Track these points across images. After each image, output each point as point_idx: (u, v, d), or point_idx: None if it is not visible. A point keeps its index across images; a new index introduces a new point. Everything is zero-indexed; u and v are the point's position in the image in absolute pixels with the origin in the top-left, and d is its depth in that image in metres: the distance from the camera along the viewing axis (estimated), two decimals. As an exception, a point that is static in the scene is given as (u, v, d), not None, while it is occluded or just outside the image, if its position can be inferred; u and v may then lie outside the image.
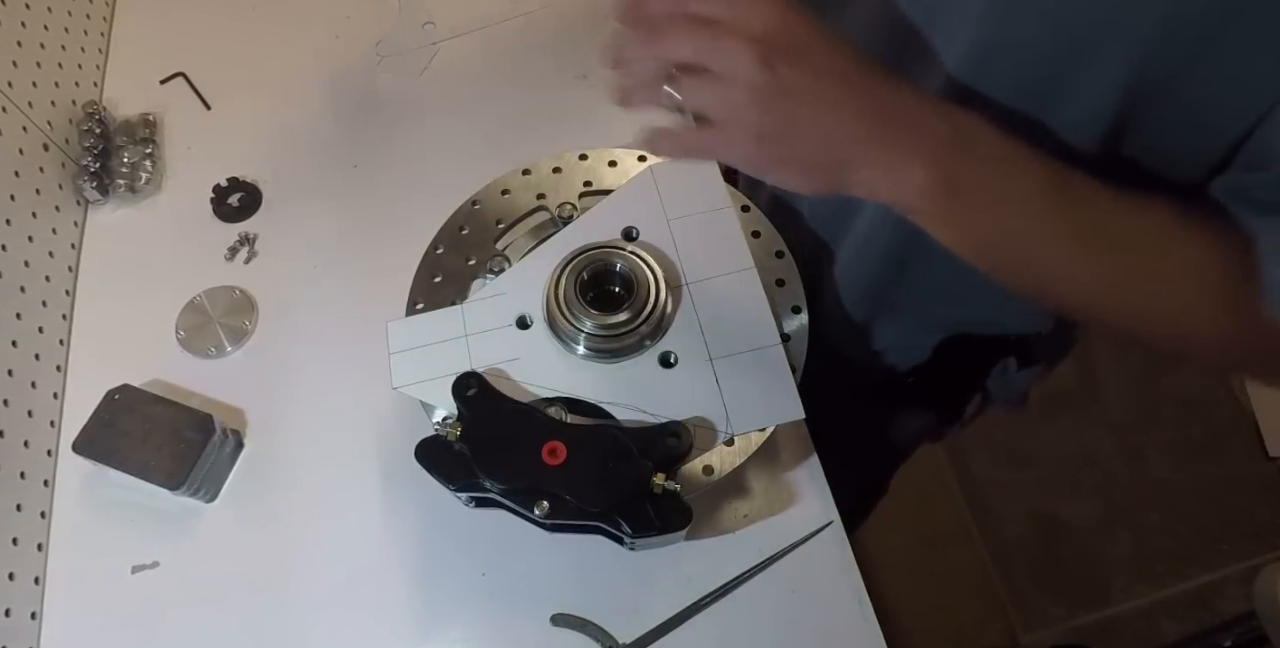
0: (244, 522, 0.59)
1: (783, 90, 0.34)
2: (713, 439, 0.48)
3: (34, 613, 0.56)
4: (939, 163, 0.36)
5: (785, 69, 0.34)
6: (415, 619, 0.55)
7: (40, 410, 0.61)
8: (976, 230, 0.39)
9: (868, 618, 0.52)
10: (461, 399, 0.48)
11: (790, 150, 0.36)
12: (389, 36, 0.82)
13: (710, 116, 0.37)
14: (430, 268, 0.56)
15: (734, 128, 0.36)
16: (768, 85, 0.34)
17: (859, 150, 0.36)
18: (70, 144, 0.72)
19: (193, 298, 0.67)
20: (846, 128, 0.36)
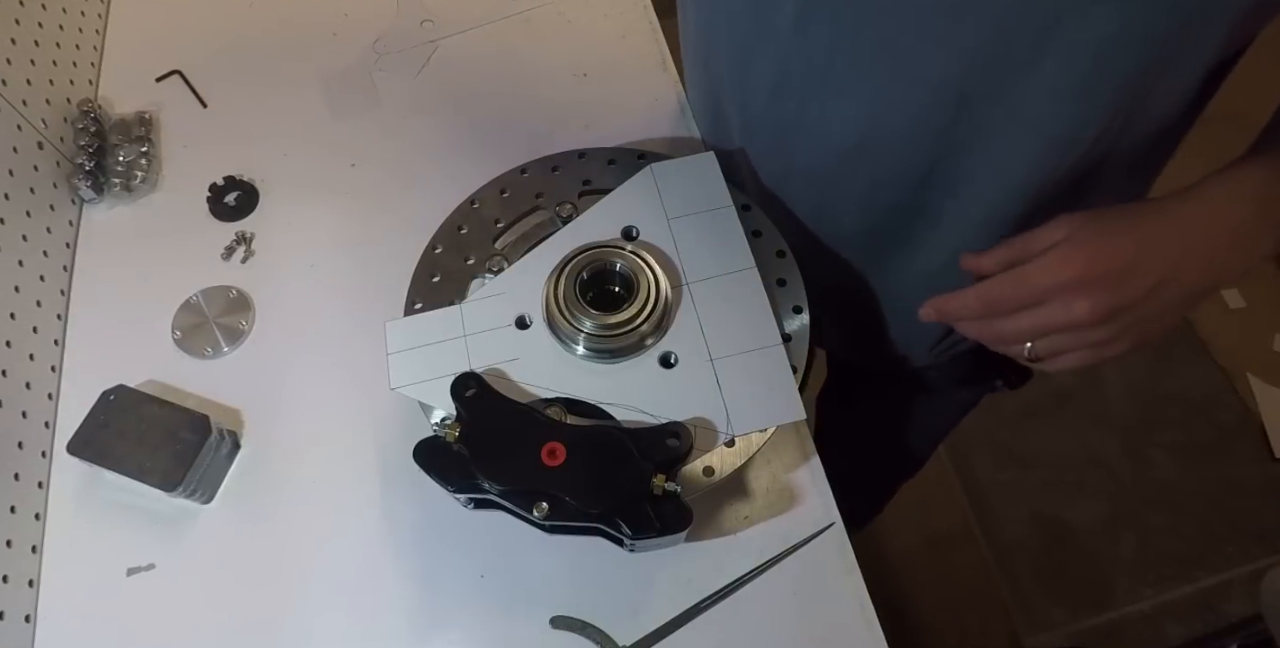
0: (241, 524, 0.59)
1: (1126, 329, 0.40)
2: (713, 440, 0.47)
3: (28, 616, 0.56)
4: (1270, 234, 0.40)
5: (1123, 318, 0.40)
6: (413, 622, 0.54)
7: (35, 411, 0.61)
8: None
9: (870, 621, 0.52)
10: (460, 400, 0.47)
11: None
12: (387, 34, 0.81)
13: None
14: (429, 267, 0.56)
15: (1102, 355, 0.42)
16: (1112, 334, 0.41)
17: (1212, 290, 0.41)
18: (65, 142, 0.72)
19: (189, 298, 0.67)
20: (1191, 305, 0.41)
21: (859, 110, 0.47)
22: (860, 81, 0.45)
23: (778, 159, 0.57)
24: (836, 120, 0.49)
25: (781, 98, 0.50)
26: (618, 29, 0.79)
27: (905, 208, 0.53)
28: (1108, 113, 0.41)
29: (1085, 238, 0.40)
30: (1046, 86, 0.39)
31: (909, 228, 0.54)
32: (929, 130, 0.45)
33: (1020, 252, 0.43)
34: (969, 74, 0.41)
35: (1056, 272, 0.40)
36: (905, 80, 0.43)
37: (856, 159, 0.50)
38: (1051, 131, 0.42)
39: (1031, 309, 0.41)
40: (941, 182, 0.49)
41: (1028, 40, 0.38)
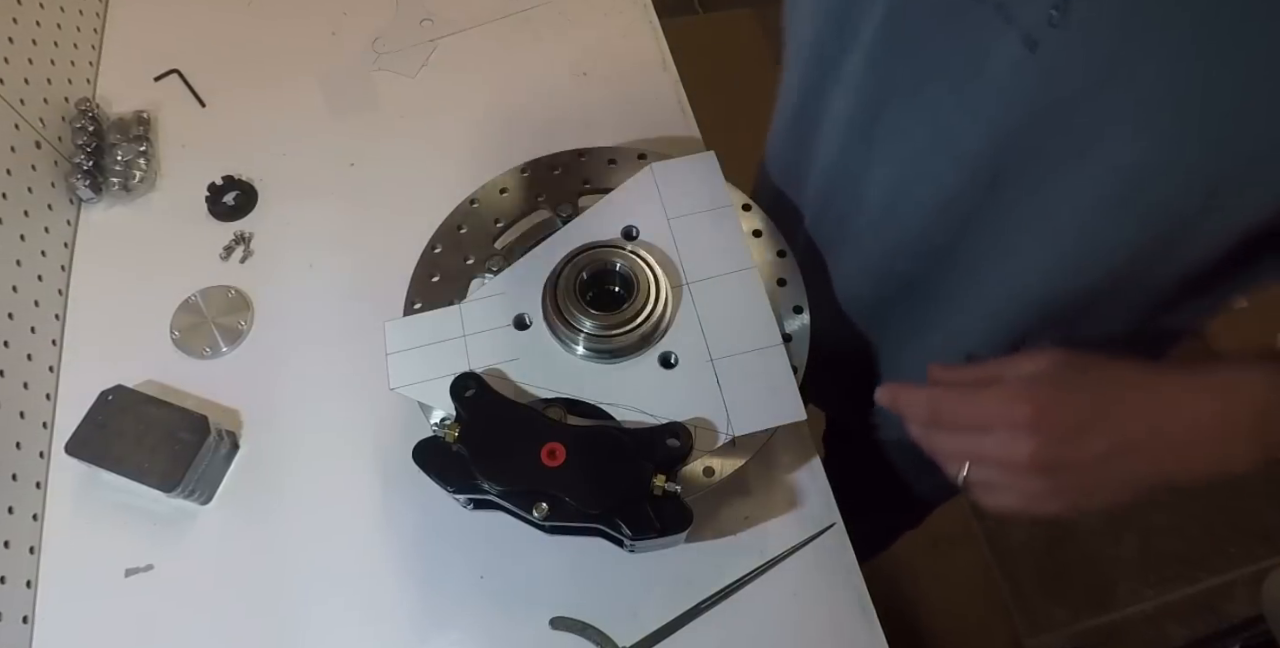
0: (239, 524, 0.58)
1: (1062, 489, 0.38)
2: (713, 440, 0.47)
3: (26, 617, 0.55)
4: (1252, 449, 0.36)
5: (1062, 475, 0.37)
6: (413, 622, 0.54)
7: (32, 412, 0.60)
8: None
9: (870, 622, 0.52)
10: (459, 400, 0.47)
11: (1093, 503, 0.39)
12: (386, 33, 0.81)
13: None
14: (428, 267, 0.55)
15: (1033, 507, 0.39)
16: (1048, 488, 0.38)
17: (1164, 482, 0.38)
18: (63, 142, 0.72)
19: (187, 297, 0.67)
20: (1138, 489, 0.38)
21: (894, 172, 0.47)
22: (900, 142, 0.45)
23: (823, 210, 0.56)
24: (873, 179, 0.48)
25: (833, 144, 0.50)
26: (618, 28, 0.79)
27: (919, 285, 0.52)
28: (1136, 241, 0.39)
29: (1056, 381, 0.38)
30: (1079, 192, 0.38)
31: (919, 307, 0.53)
32: (956, 208, 0.44)
33: (990, 376, 0.41)
34: (1005, 158, 0.40)
35: (1011, 405, 0.38)
36: (942, 150, 0.42)
37: (883, 224, 0.50)
38: (1074, 242, 0.41)
39: (976, 433, 0.39)
40: (957, 266, 0.48)
41: (1070, 141, 0.37)
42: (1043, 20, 0.33)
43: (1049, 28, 0.33)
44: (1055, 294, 0.45)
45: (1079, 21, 0.32)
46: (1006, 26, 0.35)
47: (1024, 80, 0.36)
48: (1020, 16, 0.34)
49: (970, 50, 0.38)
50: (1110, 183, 0.37)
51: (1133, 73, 0.33)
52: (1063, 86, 0.35)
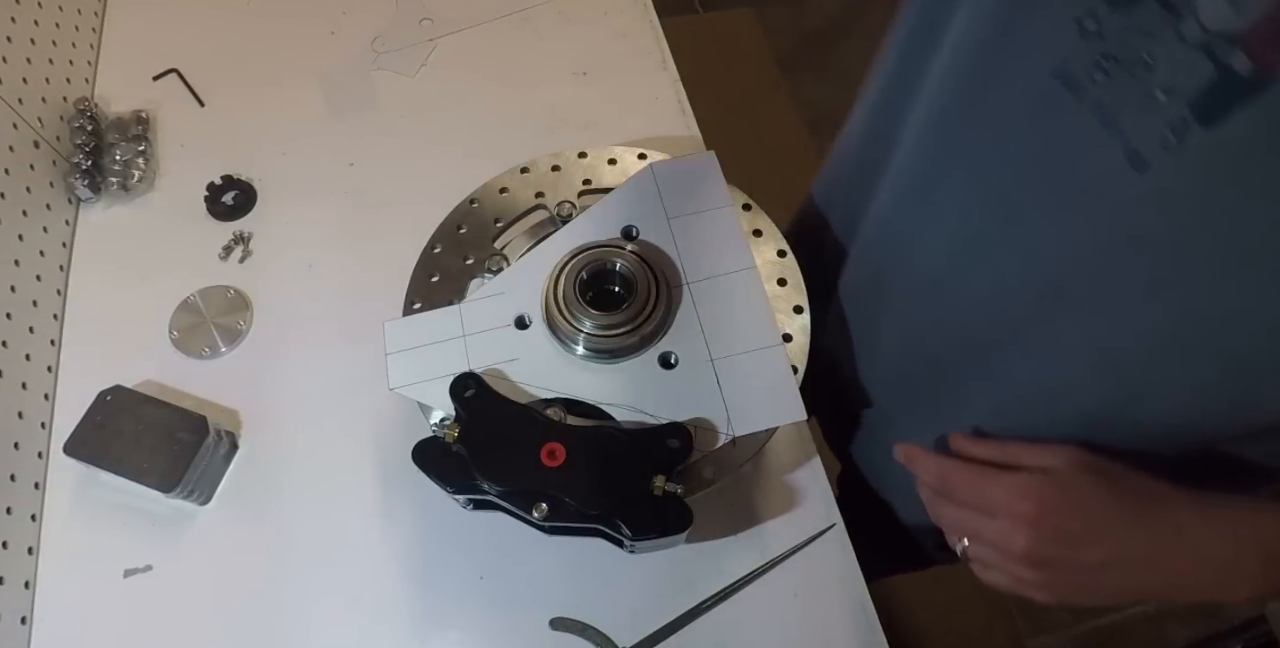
0: (238, 525, 0.58)
1: (1053, 584, 0.39)
2: (714, 440, 0.47)
3: (24, 618, 0.55)
4: (1253, 589, 0.36)
5: (1055, 572, 0.38)
6: (412, 623, 0.54)
7: (31, 412, 0.60)
8: None
9: (871, 622, 0.52)
10: (459, 400, 0.47)
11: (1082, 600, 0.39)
12: (386, 32, 0.81)
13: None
14: (428, 267, 0.55)
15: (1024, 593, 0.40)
16: (1040, 580, 0.39)
17: (1155, 598, 0.38)
18: (61, 141, 0.72)
19: (186, 297, 0.66)
20: (1128, 599, 0.38)
21: (950, 246, 0.44)
22: (960, 218, 0.42)
23: (863, 263, 0.54)
24: (925, 245, 0.46)
25: (887, 197, 0.48)
26: (618, 27, 0.79)
27: (943, 367, 0.49)
28: (1201, 383, 0.36)
29: (1068, 484, 0.38)
30: (1145, 325, 0.35)
31: (938, 389, 0.51)
32: (1009, 304, 0.41)
33: (1009, 457, 0.41)
34: (1076, 271, 0.37)
35: (1016, 497, 0.38)
36: (1007, 243, 0.40)
37: (930, 296, 0.47)
38: (1134, 371, 0.38)
39: (977, 512, 0.40)
40: (987, 361, 0.45)
41: (1151, 272, 0.34)
42: (1156, 140, 0.30)
43: (1163, 151, 0.30)
44: (1100, 416, 0.41)
45: (1197, 149, 0.29)
46: (1107, 135, 0.32)
47: (1121, 200, 0.33)
48: (1128, 129, 0.31)
49: (1058, 149, 0.34)
50: (1183, 323, 0.34)
51: (1240, 215, 0.30)
52: (1163, 215, 0.32)
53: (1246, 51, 0.26)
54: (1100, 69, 0.31)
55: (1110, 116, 0.32)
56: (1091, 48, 0.31)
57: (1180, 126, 0.29)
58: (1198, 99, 0.28)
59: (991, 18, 0.36)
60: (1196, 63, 0.28)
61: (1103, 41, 0.31)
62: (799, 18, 1.91)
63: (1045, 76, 0.33)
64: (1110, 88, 0.31)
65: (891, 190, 0.48)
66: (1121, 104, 0.31)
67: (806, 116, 1.75)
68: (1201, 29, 0.27)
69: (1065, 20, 0.32)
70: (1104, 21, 0.30)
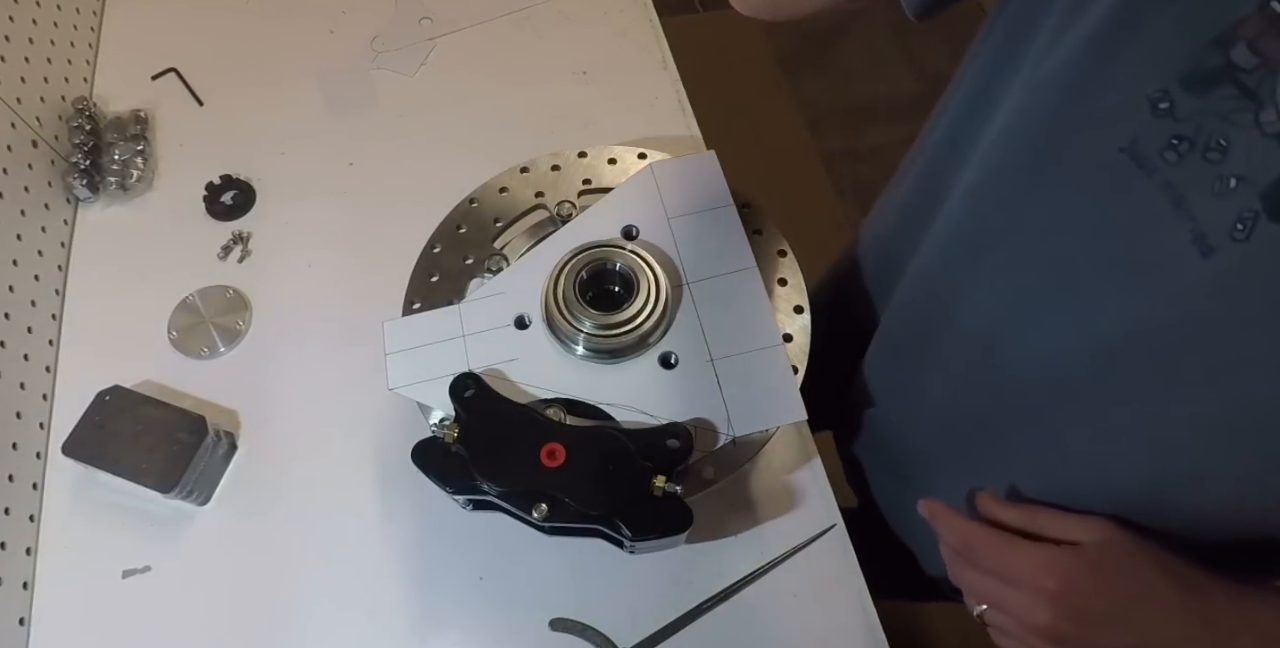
0: (237, 525, 0.58)
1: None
2: (714, 441, 0.47)
3: (23, 619, 0.55)
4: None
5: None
6: (412, 624, 0.54)
7: (29, 412, 0.60)
8: None
9: (872, 623, 0.52)
10: (459, 400, 0.47)
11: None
12: (385, 32, 0.81)
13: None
14: (427, 267, 0.55)
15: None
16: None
17: None
18: (60, 141, 0.71)
19: (185, 297, 0.66)
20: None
21: (1001, 307, 0.43)
22: (1013, 278, 0.41)
23: (911, 318, 0.54)
24: (974, 305, 0.45)
25: (940, 256, 0.48)
26: (618, 27, 0.79)
27: (990, 425, 0.48)
28: (1247, 475, 0.36)
29: (1097, 562, 0.37)
30: (1200, 410, 0.35)
31: (983, 446, 0.50)
32: (1060, 375, 0.41)
33: (1037, 526, 0.41)
34: (1131, 350, 0.36)
35: (1041, 571, 0.37)
36: (1061, 311, 0.39)
37: (973, 355, 0.47)
38: (1185, 458, 0.37)
39: (999, 581, 0.39)
40: (1036, 425, 0.44)
41: (1208, 359, 0.33)
42: (1225, 228, 0.29)
43: (1231, 241, 0.29)
44: (1144, 496, 0.40)
45: (1265, 242, 0.28)
46: (1175, 215, 0.31)
47: (1184, 282, 0.32)
48: (1197, 213, 0.30)
49: (1123, 224, 0.34)
50: (1238, 411, 0.33)
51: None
52: (1225, 302, 0.31)
53: None
54: (1173, 149, 0.31)
55: (1179, 197, 0.31)
56: (1165, 127, 0.31)
57: (1250, 218, 0.28)
58: (1269, 191, 0.28)
59: (1062, 86, 0.35)
60: (1273, 154, 0.27)
61: (1176, 122, 0.30)
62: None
63: (1114, 151, 0.33)
64: (1181, 169, 0.30)
65: (938, 247, 0.48)
66: (1191, 186, 0.30)
67: (807, 116, 1.75)
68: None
69: (1138, 97, 0.31)
70: (1178, 102, 0.30)
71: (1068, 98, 0.35)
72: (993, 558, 0.40)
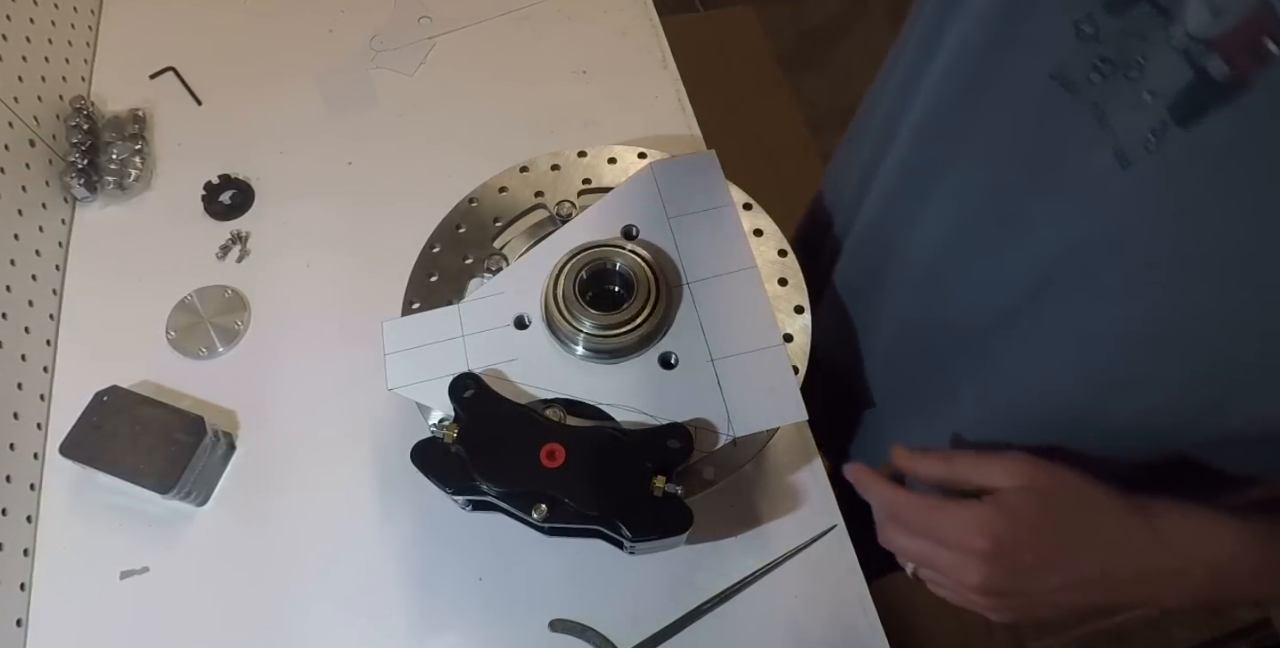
0: (236, 526, 0.58)
1: (1008, 608, 0.39)
2: (714, 441, 0.47)
3: (20, 620, 0.55)
4: (1198, 599, 0.37)
5: (1008, 599, 0.38)
6: (411, 625, 0.54)
7: (26, 413, 0.60)
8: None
9: (873, 624, 0.52)
10: (458, 401, 0.47)
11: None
12: (384, 31, 0.80)
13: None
14: (427, 267, 0.55)
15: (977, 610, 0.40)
16: (992, 606, 0.39)
17: (1104, 609, 0.38)
18: (57, 140, 0.71)
19: (183, 297, 0.66)
20: (1084, 611, 0.38)
21: (946, 237, 0.45)
22: (958, 208, 0.43)
23: (864, 258, 0.55)
24: (921, 238, 0.47)
25: (889, 186, 0.49)
26: (618, 26, 0.78)
27: (937, 359, 0.50)
28: (1176, 381, 0.37)
29: (1021, 514, 0.37)
30: (1122, 319, 0.36)
31: (931, 382, 0.52)
32: (1000, 293, 0.42)
33: (957, 474, 0.40)
34: (1064, 265, 0.38)
35: (970, 533, 0.38)
36: (1004, 236, 0.40)
37: (918, 289, 0.49)
38: (1110, 367, 0.38)
39: (929, 542, 0.40)
40: (978, 351, 0.46)
41: (1129, 268, 0.34)
42: (1140, 140, 0.31)
43: (1145, 151, 0.31)
44: (1079, 413, 0.42)
45: (1174, 151, 0.30)
46: (1100, 133, 0.33)
47: (1107, 197, 0.34)
48: (1118, 128, 0.32)
49: (1054, 147, 0.35)
50: (1156, 320, 0.34)
51: (1212, 216, 0.30)
52: (1143, 214, 0.32)
53: (1223, 57, 0.27)
54: (1096, 70, 0.32)
55: (1103, 116, 0.32)
56: (1089, 50, 0.32)
57: (1160, 128, 0.30)
58: (1176, 102, 0.29)
59: (989, 20, 0.36)
60: (1178, 66, 0.29)
61: (1099, 44, 0.32)
62: (799, 16, 1.91)
63: (1043, 77, 0.34)
64: (1105, 88, 0.32)
65: (885, 188, 0.49)
66: (1114, 104, 0.32)
67: (807, 115, 1.75)
68: (1186, 34, 0.28)
69: (1063, 23, 0.33)
70: (1101, 25, 0.31)
71: (998, 28, 0.36)
72: (920, 522, 0.40)
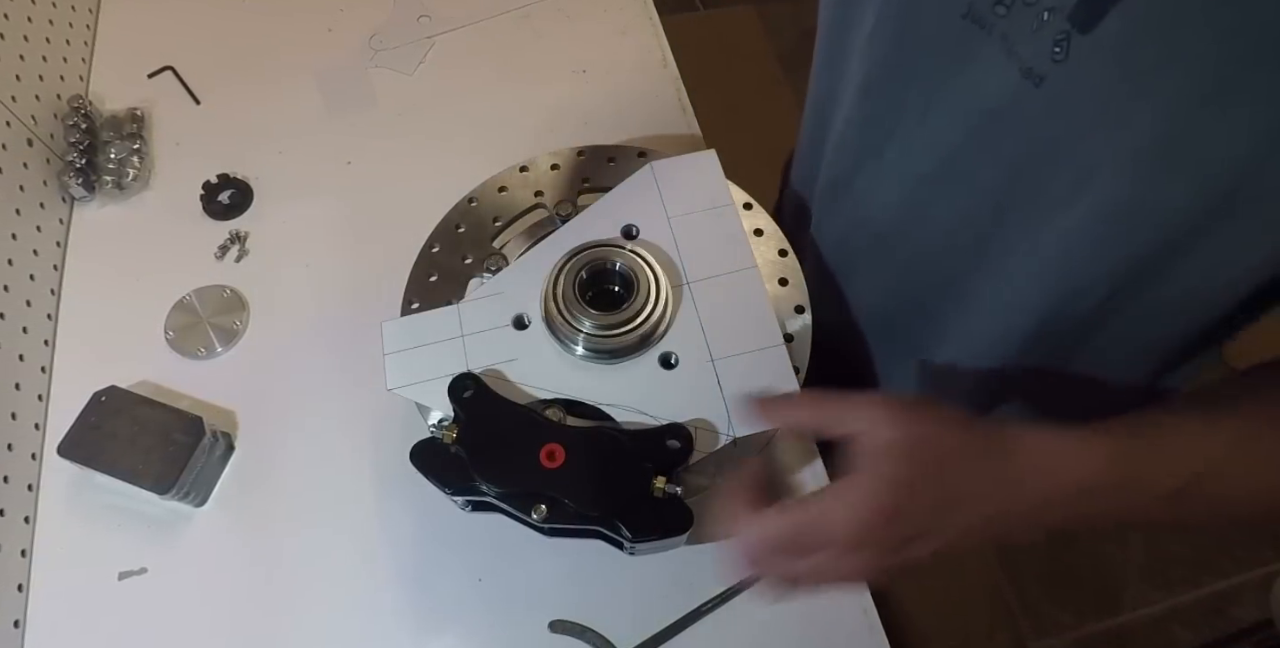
0: (235, 527, 0.58)
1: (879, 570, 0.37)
2: (714, 441, 0.47)
3: (17, 622, 0.55)
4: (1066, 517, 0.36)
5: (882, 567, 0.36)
6: (410, 627, 0.53)
7: (24, 413, 0.60)
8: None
9: (873, 625, 0.51)
10: (458, 401, 0.47)
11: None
12: (383, 30, 0.80)
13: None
14: (426, 267, 0.55)
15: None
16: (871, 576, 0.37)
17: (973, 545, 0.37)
18: (55, 139, 0.71)
19: (182, 297, 0.66)
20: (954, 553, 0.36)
21: (905, 194, 0.47)
22: (910, 165, 0.45)
23: (833, 219, 0.57)
24: (883, 199, 0.49)
25: (843, 149, 0.51)
26: (618, 25, 0.78)
27: (918, 307, 0.52)
28: (1121, 278, 0.40)
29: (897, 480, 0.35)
30: (1072, 227, 0.38)
31: (917, 328, 0.54)
32: (963, 234, 0.45)
33: (826, 420, 0.38)
34: (1012, 189, 0.40)
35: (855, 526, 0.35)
36: (952, 179, 0.43)
37: (894, 243, 0.50)
38: (1060, 276, 0.41)
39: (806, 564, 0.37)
40: (956, 292, 0.49)
41: (1068, 177, 0.37)
42: (1046, 55, 0.33)
43: (1053, 63, 0.33)
44: (1046, 327, 0.45)
45: (1081, 59, 0.32)
46: (1009, 59, 0.35)
47: (1029, 114, 0.36)
48: (1022, 51, 0.34)
49: (976, 83, 0.38)
50: (1099, 219, 0.37)
51: (1125, 111, 0.32)
52: (1064, 122, 0.35)
53: None
54: (1001, 3, 0.34)
55: (1010, 44, 0.35)
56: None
57: (1064, 39, 0.32)
58: (1074, 10, 0.31)
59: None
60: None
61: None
62: (800, 15, 1.90)
63: (958, 19, 0.36)
64: (1010, 19, 0.34)
65: (843, 151, 0.51)
66: (1018, 31, 0.34)
67: (807, 115, 1.75)
68: None
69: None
70: None
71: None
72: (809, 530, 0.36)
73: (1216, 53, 0.28)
